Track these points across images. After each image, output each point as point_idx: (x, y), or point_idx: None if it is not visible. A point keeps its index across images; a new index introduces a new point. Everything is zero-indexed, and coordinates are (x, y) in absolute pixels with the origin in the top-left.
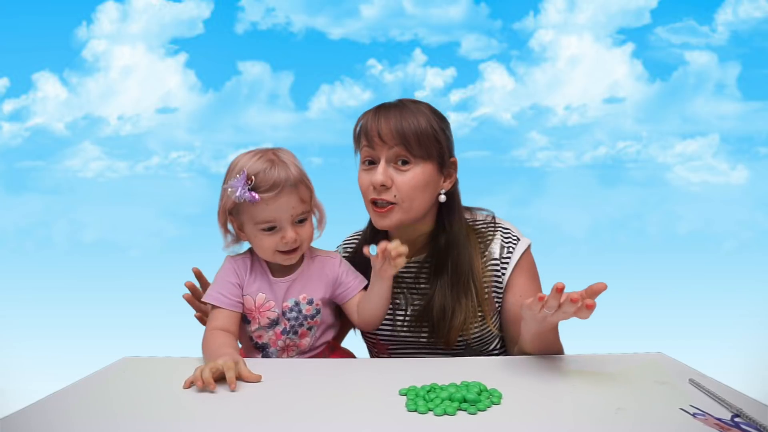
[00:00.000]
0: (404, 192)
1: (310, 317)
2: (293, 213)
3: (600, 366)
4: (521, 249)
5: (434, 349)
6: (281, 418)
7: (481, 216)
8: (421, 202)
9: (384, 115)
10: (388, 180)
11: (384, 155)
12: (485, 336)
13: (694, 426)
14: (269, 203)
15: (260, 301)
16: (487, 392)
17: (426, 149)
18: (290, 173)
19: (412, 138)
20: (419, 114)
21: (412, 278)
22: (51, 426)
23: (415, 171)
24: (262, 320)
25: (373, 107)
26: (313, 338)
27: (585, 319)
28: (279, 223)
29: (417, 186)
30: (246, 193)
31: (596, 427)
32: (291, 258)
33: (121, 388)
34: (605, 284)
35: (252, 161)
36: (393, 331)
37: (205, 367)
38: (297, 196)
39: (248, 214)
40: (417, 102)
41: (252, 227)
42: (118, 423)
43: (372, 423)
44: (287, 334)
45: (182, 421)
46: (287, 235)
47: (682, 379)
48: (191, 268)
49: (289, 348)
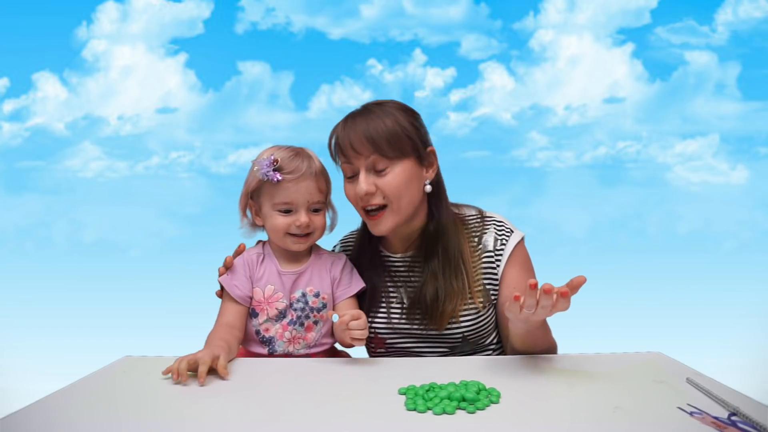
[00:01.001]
0: (390, 193)
1: (317, 310)
2: (310, 199)
3: (598, 365)
4: (514, 241)
5: (430, 337)
6: (281, 418)
7: (470, 211)
8: (410, 199)
9: (351, 126)
10: (372, 187)
11: (362, 165)
12: (481, 327)
13: (691, 425)
14: (290, 185)
15: (269, 292)
16: (486, 391)
17: (399, 149)
18: (312, 163)
19: (383, 142)
20: (385, 116)
21: (405, 271)
22: (51, 426)
23: (395, 171)
24: (271, 311)
25: (341, 120)
26: (318, 333)
27: (565, 309)
28: (295, 207)
29: (400, 184)
30: (270, 172)
31: (594, 425)
32: (300, 243)
33: (122, 388)
34: (584, 277)
35: (279, 150)
36: (389, 323)
37: (184, 359)
38: (316, 184)
39: (268, 194)
40: (381, 103)
41: (269, 208)
42: (118, 423)
43: (371, 422)
44: (294, 326)
45: (182, 421)
46: (301, 219)
47: (680, 379)
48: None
49: (295, 340)
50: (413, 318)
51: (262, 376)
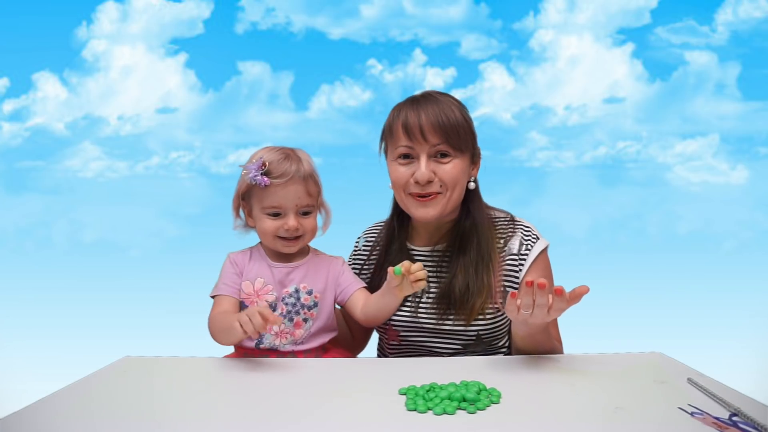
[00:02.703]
0: (449, 182)
1: (308, 308)
2: (298, 203)
3: (599, 365)
4: (539, 248)
5: (444, 333)
6: (281, 418)
7: (500, 213)
8: (461, 191)
9: (423, 109)
10: (432, 175)
11: (425, 150)
12: (496, 328)
13: (692, 425)
14: (278, 189)
15: (259, 285)
16: (487, 391)
17: (464, 142)
18: (301, 167)
19: (453, 132)
20: (453, 106)
21: (434, 266)
22: (51, 426)
23: (455, 162)
24: (261, 304)
25: (406, 101)
26: (307, 332)
27: (560, 311)
28: (284, 210)
29: (458, 176)
30: (258, 176)
31: (595, 426)
32: (290, 246)
33: (122, 388)
34: (587, 288)
35: (270, 152)
36: (413, 316)
37: (249, 318)
38: (304, 188)
39: (257, 197)
40: (444, 94)
41: (259, 210)
42: (118, 423)
43: (372, 422)
44: (283, 319)
45: (182, 421)
46: (289, 223)
47: (681, 379)
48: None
49: (282, 334)
50: (441, 311)
51: (261, 376)
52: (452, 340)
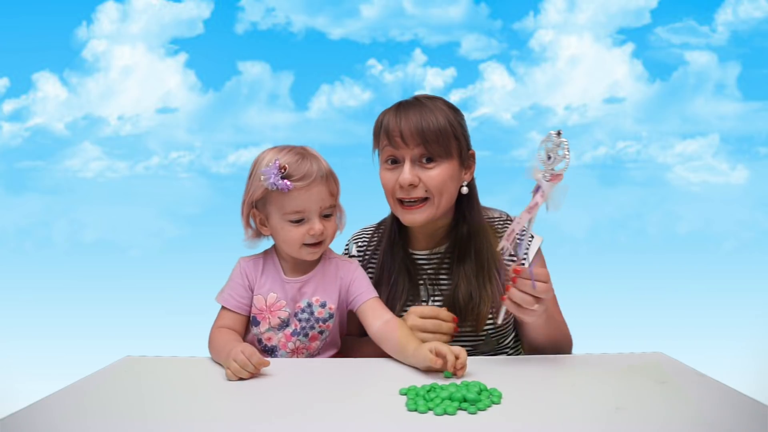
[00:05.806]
0: (434, 187)
1: (322, 320)
2: (322, 205)
3: (600, 365)
4: (536, 245)
5: (455, 339)
6: (282, 418)
7: (494, 213)
8: (449, 197)
9: (404, 115)
10: (416, 179)
11: (408, 155)
12: (506, 327)
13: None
14: (301, 193)
15: (271, 300)
16: (487, 392)
17: (447, 147)
18: (321, 165)
19: (433, 138)
20: (438, 111)
21: (434, 270)
22: (51, 426)
23: (441, 167)
24: (273, 320)
25: (393, 106)
26: (322, 343)
27: (542, 296)
28: (307, 215)
29: (444, 181)
30: (279, 180)
31: (596, 426)
32: (315, 252)
33: (122, 388)
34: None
35: (281, 153)
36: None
37: (240, 357)
38: (327, 188)
39: (277, 204)
40: (433, 98)
41: (279, 218)
42: (118, 423)
43: (372, 422)
44: (297, 336)
45: (182, 421)
46: (315, 227)
47: (682, 379)
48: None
49: (299, 350)
50: None
51: (262, 376)
52: (461, 344)
